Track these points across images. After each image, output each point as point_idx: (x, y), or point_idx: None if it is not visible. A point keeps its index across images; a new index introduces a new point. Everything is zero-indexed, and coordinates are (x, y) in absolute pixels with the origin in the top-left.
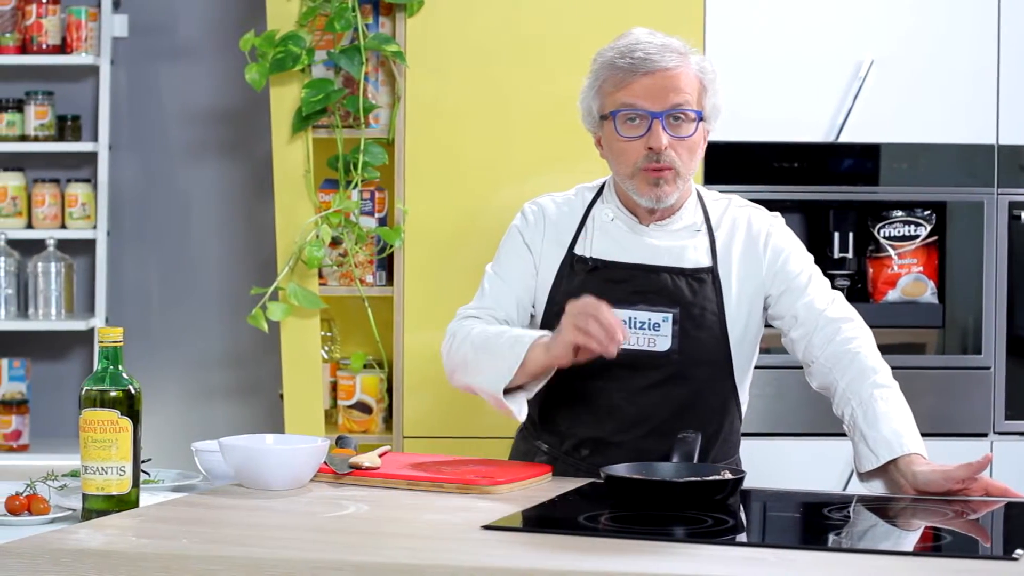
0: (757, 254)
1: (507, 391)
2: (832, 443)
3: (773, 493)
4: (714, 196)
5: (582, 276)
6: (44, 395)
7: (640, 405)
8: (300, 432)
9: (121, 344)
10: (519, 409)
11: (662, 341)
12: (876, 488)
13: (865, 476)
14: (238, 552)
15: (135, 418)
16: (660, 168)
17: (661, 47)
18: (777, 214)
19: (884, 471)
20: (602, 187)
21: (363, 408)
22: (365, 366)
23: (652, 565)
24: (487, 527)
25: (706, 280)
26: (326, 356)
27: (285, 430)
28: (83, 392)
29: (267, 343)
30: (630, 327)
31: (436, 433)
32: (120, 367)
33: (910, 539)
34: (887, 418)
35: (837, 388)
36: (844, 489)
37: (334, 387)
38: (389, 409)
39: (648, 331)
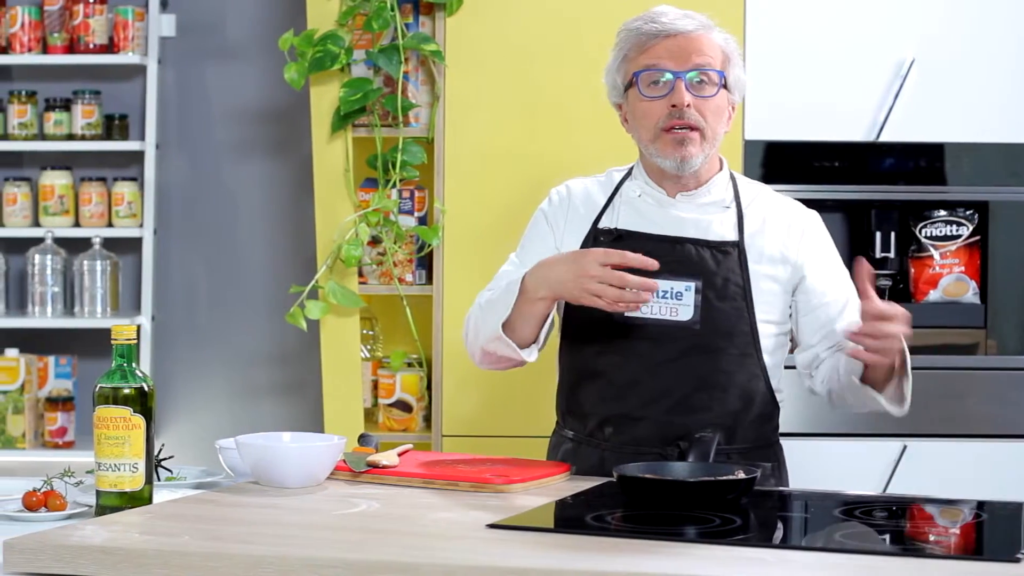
0: (792, 246)
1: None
2: (872, 444)
3: (789, 493)
4: (747, 180)
5: (606, 246)
6: (90, 392)
7: (662, 378)
8: (339, 430)
9: (135, 342)
10: (528, 353)
11: (684, 311)
12: (872, 395)
13: (865, 381)
14: (238, 549)
15: (148, 415)
16: (683, 126)
17: (684, 14)
18: (816, 212)
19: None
20: (632, 168)
21: (403, 406)
22: (408, 364)
23: (647, 564)
24: (492, 526)
25: (731, 253)
26: (368, 354)
27: (324, 428)
28: (97, 389)
29: (312, 341)
30: (653, 296)
31: (475, 432)
32: (134, 364)
33: (912, 540)
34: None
35: (835, 368)
36: (884, 490)
37: (376, 385)
38: (429, 407)
39: (670, 300)
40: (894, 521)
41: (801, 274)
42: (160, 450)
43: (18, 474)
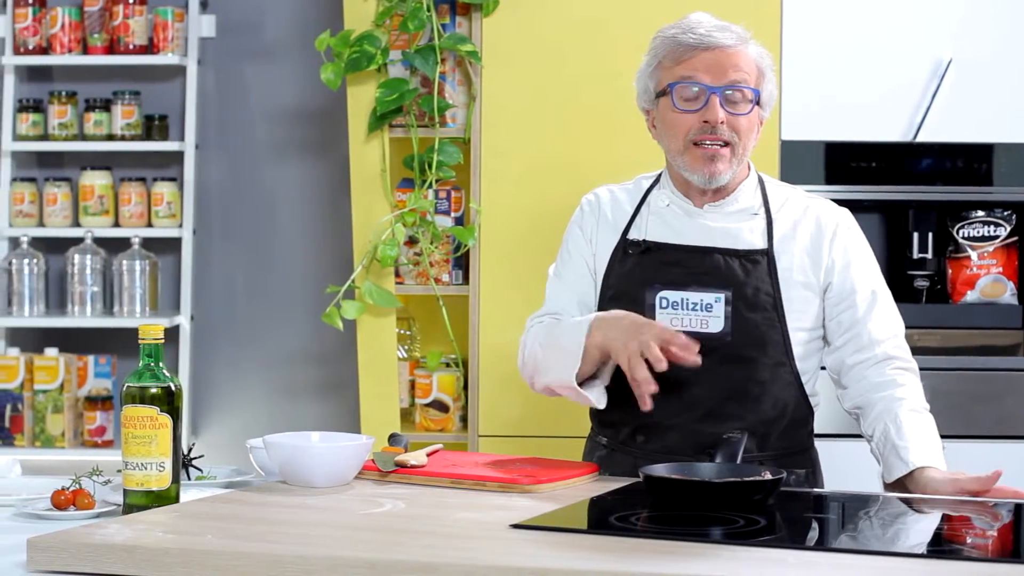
0: (823, 247)
1: (584, 382)
2: None
3: (817, 494)
4: (777, 183)
5: (635, 258)
6: None
7: (695, 388)
8: (376, 430)
9: (162, 341)
10: (597, 397)
11: (715, 322)
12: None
13: (889, 487)
14: (259, 548)
15: (175, 415)
16: (715, 141)
17: (722, 26)
18: (847, 210)
19: (900, 484)
20: (660, 176)
21: (440, 406)
22: (445, 364)
23: (667, 565)
24: (515, 526)
25: (760, 261)
26: (405, 354)
27: (361, 428)
28: (124, 389)
29: (350, 341)
30: (683, 308)
31: (512, 432)
32: (161, 364)
33: (946, 542)
34: (921, 434)
35: (873, 409)
36: None
37: (412, 385)
38: (466, 407)
39: (700, 312)
40: (927, 523)
41: (831, 277)
42: (191, 449)
43: (58, 473)
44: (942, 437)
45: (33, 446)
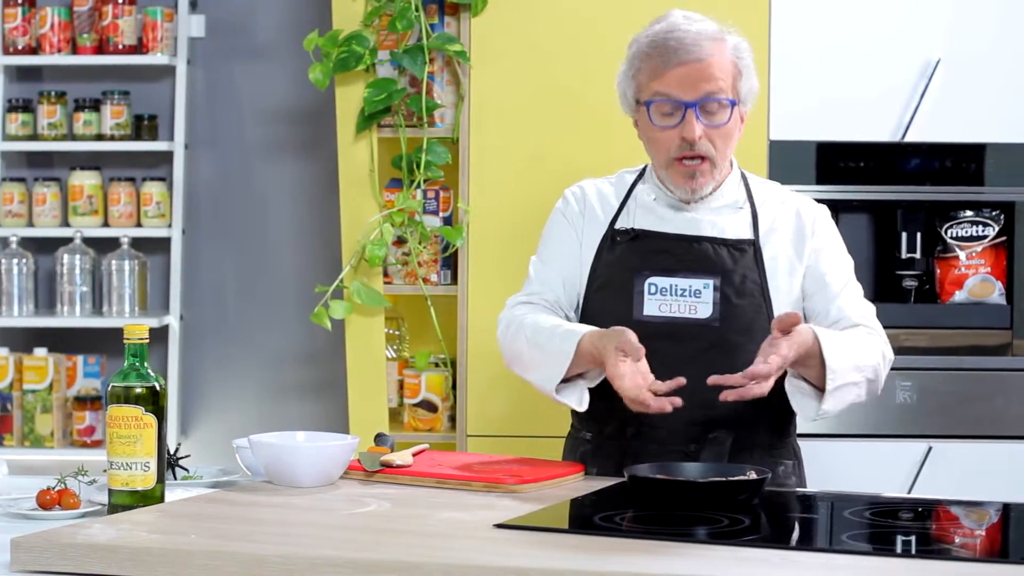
0: (805, 238)
1: (565, 380)
2: (896, 445)
3: (803, 494)
4: (758, 179)
5: (623, 246)
6: None
7: (682, 376)
8: (364, 430)
9: (146, 341)
10: (578, 400)
11: (703, 308)
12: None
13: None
14: (242, 548)
15: (160, 414)
16: (694, 157)
17: (696, 35)
18: (824, 207)
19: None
20: (643, 170)
21: (428, 406)
22: (434, 364)
23: (650, 565)
24: (499, 526)
25: (747, 251)
26: (394, 354)
27: (350, 428)
28: (109, 388)
29: (339, 341)
30: (671, 294)
31: (501, 432)
32: (146, 364)
33: (932, 542)
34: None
35: None
36: (909, 492)
37: (401, 385)
38: (455, 407)
39: (689, 298)
40: (912, 523)
41: (809, 261)
42: (177, 449)
43: (47, 473)
44: (931, 437)
45: (22, 446)
